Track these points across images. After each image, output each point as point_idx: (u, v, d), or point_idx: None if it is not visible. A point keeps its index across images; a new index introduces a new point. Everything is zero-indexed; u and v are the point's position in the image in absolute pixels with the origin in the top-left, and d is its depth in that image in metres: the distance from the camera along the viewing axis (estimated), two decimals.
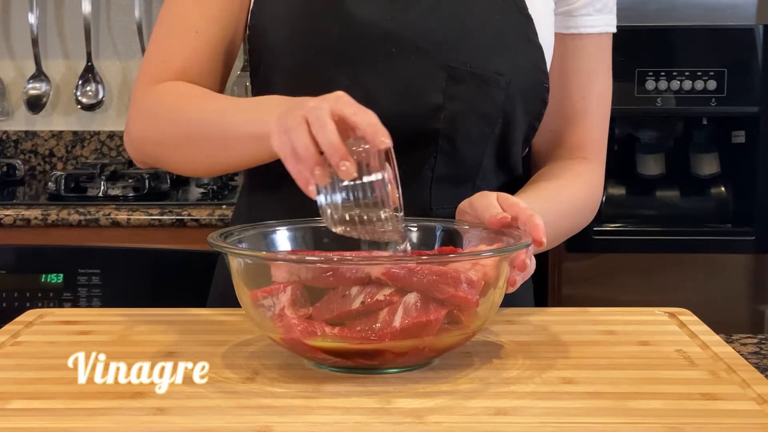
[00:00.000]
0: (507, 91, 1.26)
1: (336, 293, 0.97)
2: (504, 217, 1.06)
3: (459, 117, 1.26)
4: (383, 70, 1.25)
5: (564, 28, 1.34)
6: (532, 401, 0.92)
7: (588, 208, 1.35)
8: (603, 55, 1.37)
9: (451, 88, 1.25)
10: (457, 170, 1.28)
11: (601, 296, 2.37)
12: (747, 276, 2.44)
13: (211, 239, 1.02)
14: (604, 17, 1.35)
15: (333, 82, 1.22)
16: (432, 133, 1.26)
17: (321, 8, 1.26)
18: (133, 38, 2.81)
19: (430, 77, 1.25)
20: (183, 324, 1.18)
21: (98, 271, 2.25)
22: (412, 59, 1.24)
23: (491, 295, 1.00)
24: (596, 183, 1.36)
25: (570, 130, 1.36)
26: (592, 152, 1.36)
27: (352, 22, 1.25)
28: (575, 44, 1.35)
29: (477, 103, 1.26)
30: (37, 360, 1.05)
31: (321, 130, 0.96)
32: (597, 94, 1.36)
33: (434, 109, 1.25)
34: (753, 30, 2.39)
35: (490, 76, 1.26)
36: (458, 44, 1.25)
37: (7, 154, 2.86)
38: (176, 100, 1.24)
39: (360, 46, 1.25)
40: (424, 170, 1.27)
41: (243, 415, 0.89)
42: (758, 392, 0.94)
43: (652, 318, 1.21)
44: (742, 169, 2.48)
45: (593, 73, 1.36)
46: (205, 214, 2.28)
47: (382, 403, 0.92)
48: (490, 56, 1.26)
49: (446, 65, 1.24)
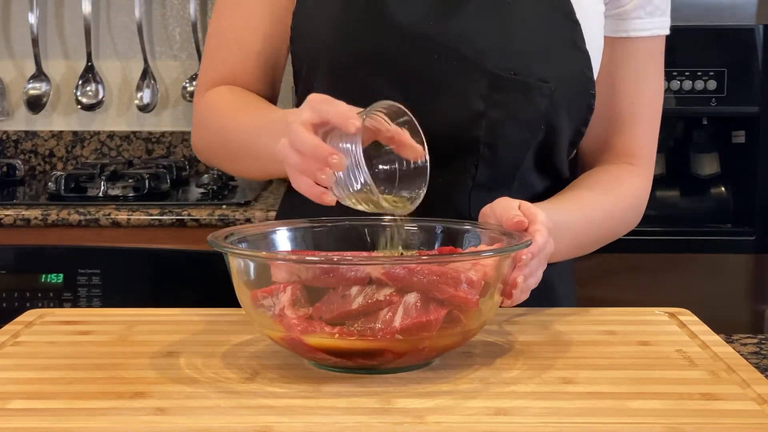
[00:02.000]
0: (551, 99, 1.25)
1: (336, 293, 0.97)
2: (521, 221, 1.05)
3: (500, 124, 1.24)
4: (424, 76, 1.23)
5: (614, 31, 1.31)
6: (532, 401, 0.92)
7: (630, 214, 1.33)
8: (654, 59, 1.34)
9: (494, 95, 1.23)
10: (496, 176, 1.27)
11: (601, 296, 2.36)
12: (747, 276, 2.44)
13: (211, 239, 1.02)
14: (655, 20, 1.32)
15: (373, 87, 1.22)
16: (473, 140, 1.24)
17: (361, 12, 1.25)
18: (133, 38, 2.81)
19: (471, 84, 1.23)
20: (183, 324, 1.18)
21: (98, 271, 2.25)
22: (454, 65, 1.23)
23: (491, 294, 1.00)
24: (641, 190, 1.34)
25: (617, 136, 1.34)
26: (639, 158, 1.34)
27: (393, 27, 1.23)
28: (625, 48, 1.32)
29: (519, 111, 1.24)
30: (37, 360, 1.05)
31: (299, 143, 1.01)
32: (647, 99, 1.34)
33: (476, 116, 1.24)
34: (753, 30, 2.39)
35: (534, 84, 1.24)
36: (502, 51, 1.23)
37: (7, 154, 2.86)
38: (220, 112, 1.31)
39: (400, 52, 1.24)
40: (465, 178, 1.26)
41: (243, 415, 0.89)
42: (758, 392, 0.94)
43: (652, 318, 1.21)
44: (742, 169, 2.48)
45: (643, 78, 1.33)
46: (205, 214, 2.28)
47: (382, 403, 0.92)
48: (535, 63, 1.24)
49: (489, 72, 1.23)
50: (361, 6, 1.25)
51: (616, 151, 1.34)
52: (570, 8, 1.26)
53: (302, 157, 1.01)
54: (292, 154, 1.02)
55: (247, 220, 2.25)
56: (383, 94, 1.12)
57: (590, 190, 1.29)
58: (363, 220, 1.13)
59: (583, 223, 1.23)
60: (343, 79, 1.25)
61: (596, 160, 1.36)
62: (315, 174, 1.00)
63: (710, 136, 2.52)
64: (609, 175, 1.32)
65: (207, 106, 1.33)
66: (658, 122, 1.36)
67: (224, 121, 1.30)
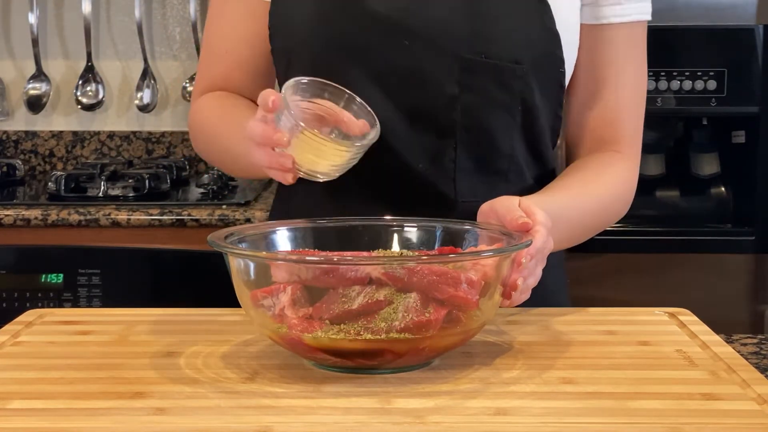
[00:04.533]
0: (524, 80, 1.26)
1: (336, 293, 0.97)
2: (526, 223, 1.05)
3: (476, 107, 1.26)
4: (397, 62, 1.25)
5: (594, 18, 1.31)
6: (532, 401, 0.92)
7: (620, 202, 1.33)
8: (635, 46, 1.33)
9: (467, 79, 1.25)
10: (482, 161, 1.28)
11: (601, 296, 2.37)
12: (747, 276, 2.44)
13: (211, 239, 1.02)
14: (635, 5, 1.31)
15: (349, 76, 1.23)
16: (449, 123, 1.26)
17: (335, 1, 1.27)
18: (133, 38, 2.81)
19: (444, 68, 1.25)
20: (183, 324, 1.18)
21: (98, 271, 2.25)
22: (427, 52, 1.24)
23: (491, 294, 1.00)
24: (629, 177, 1.34)
25: (603, 124, 1.34)
26: (625, 145, 1.34)
27: (366, 16, 1.25)
28: (604, 35, 1.31)
29: (493, 93, 1.26)
30: (37, 360, 1.05)
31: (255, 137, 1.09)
32: (630, 86, 1.33)
33: (450, 99, 1.25)
34: (753, 30, 2.39)
35: (506, 66, 1.25)
36: (472, 35, 1.25)
37: (7, 154, 2.86)
38: (207, 119, 1.37)
39: (373, 40, 1.25)
40: (446, 161, 1.27)
41: (243, 415, 0.89)
42: (758, 392, 0.94)
43: (652, 318, 1.21)
44: (742, 169, 2.48)
45: (625, 64, 1.33)
46: (205, 214, 2.28)
47: (382, 403, 0.92)
48: (505, 46, 1.25)
49: (460, 56, 1.24)
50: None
51: (602, 140, 1.34)
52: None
53: (260, 148, 1.09)
54: (255, 152, 1.11)
55: (247, 220, 2.25)
56: (359, 83, 1.19)
57: (580, 180, 1.29)
58: (363, 220, 1.14)
59: (576, 214, 1.23)
60: (319, 70, 1.26)
61: (583, 148, 1.36)
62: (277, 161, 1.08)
63: (710, 136, 2.52)
64: (597, 163, 1.32)
65: (196, 114, 1.39)
66: (643, 108, 1.36)
67: (209, 129, 1.36)
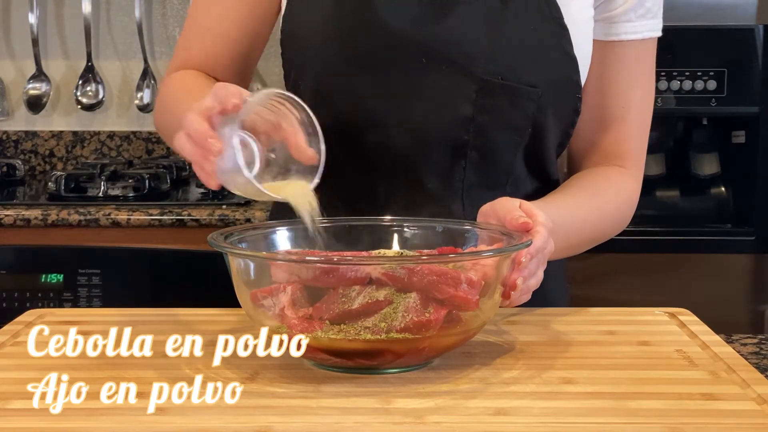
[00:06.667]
0: (538, 103, 1.25)
1: (336, 293, 0.97)
2: (526, 222, 1.05)
3: (488, 128, 1.25)
4: (413, 81, 1.24)
5: (605, 35, 1.31)
6: (532, 401, 0.92)
7: (621, 217, 1.33)
8: (645, 62, 1.34)
9: (482, 100, 1.24)
10: (486, 178, 1.28)
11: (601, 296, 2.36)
12: (747, 276, 2.44)
13: (211, 239, 1.02)
14: (646, 22, 1.32)
15: (361, 90, 1.23)
16: (461, 144, 1.25)
17: (352, 16, 1.25)
18: (133, 38, 2.81)
19: (460, 89, 1.24)
20: (183, 324, 1.18)
21: (98, 271, 2.25)
22: (443, 70, 1.23)
23: (491, 294, 1.00)
24: (631, 191, 1.34)
25: (608, 138, 1.34)
26: (629, 161, 1.34)
27: (383, 31, 1.24)
28: (615, 51, 1.31)
29: (507, 115, 1.25)
30: (37, 360, 1.05)
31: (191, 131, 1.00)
32: (637, 102, 1.33)
33: (464, 120, 1.24)
34: (753, 30, 2.39)
35: (522, 89, 1.24)
36: (490, 57, 1.24)
37: (7, 154, 2.86)
38: (173, 93, 1.31)
39: (390, 56, 1.24)
40: (455, 181, 1.27)
41: (243, 415, 0.89)
42: (758, 392, 0.94)
43: (652, 318, 1.21)
44: (742, 169, 2.48)
45: (634, 80, 1.33)
46: (205, 214, 2.28)
47: (382, 403, 0.92)
48: (523, 68, 1.24)
49: (477, 77, 1.23)
50: (352, 10, 1.25)
51: (606, 153, 1.34)
52: (558, 13, 1.26)
53: (192, 144, 1.01)
54: (184, 143, 1.02)
55: (247, 220, 2.25)
56: (371, 98, 1.13)
57: (582, 192, 1.29)
58: (363, 220, 1.14)
59: (575, 224, 1.23)
60: (330, 83, 1.26)
61: (587, 161, 1.36)
62: (201, 161, 1.00)
63: (710, 136, 2.52)
64: (600, 176, 1.32)
65: (165, 86, 1.36)
66: (648, 124, 1.36)
67: (171, 104, 1.31)
